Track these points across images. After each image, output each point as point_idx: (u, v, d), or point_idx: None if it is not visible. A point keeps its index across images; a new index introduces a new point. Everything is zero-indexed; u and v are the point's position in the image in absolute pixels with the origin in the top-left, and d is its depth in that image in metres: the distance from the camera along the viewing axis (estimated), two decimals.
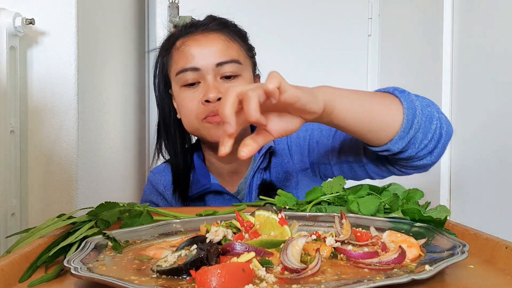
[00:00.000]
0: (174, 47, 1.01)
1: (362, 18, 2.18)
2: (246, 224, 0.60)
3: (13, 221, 1.08)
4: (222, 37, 0.99)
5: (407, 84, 1.86)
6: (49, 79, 1.15)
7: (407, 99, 0.74)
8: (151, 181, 1.13)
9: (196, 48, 0.97)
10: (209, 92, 0.94)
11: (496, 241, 0.56)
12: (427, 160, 0.79)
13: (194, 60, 0.96)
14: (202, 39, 0.98)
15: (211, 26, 1.01)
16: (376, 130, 0.73)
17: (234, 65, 0.97)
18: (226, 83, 0.97)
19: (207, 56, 0.96)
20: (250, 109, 0.56)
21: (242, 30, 1.07)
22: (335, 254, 0.55)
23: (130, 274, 0.49)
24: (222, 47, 0.97)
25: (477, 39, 1.40)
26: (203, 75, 0.96)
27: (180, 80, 0.97)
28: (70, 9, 1.16)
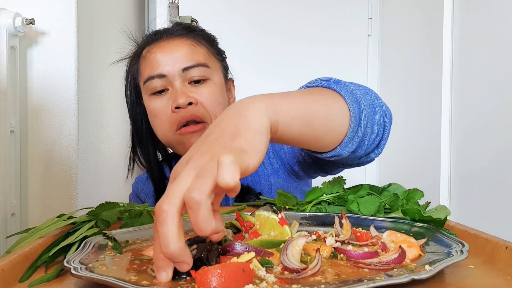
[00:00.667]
0: (141, 56, 1.00)
1: (362, 18, 2.18)
2: (246, 224, 0.60)
3: (13, 221, 1.08)
4: (187, 42, 0.97)
5: (407, 84, 1.86)
6: (49, 79, 1.15)
7: (348, 93, 0.65)
8: (135, 190, 1.15)
9: (161, 55, 0.95)
10: (178, 97, 0.92)
11: (496, 241, 0.56)
12: (374, 155, 0.75)
13: (160, 67, 0.94)
14: (166, 45, 0.97)
15: (176, 31, 1.00)
16: (324, 136, 0.63)
17: (201, 68, 0.95)
18: (194, 87, 0.95)
19: (172, 61, 0.94)
20: (199, 221, 0.41)
21: (210, 35, 1.05)
22: (335, 254, 0.55)
23: (130, 274, 0.49)
24: (187, 52, 0.96)
25: (477, 39, 1.40)
26: (170, 82, 0.94)
27: (148, 88, 0.96)
28: (70, 9, 1.16)
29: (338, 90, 0.65)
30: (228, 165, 0.40)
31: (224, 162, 0.40)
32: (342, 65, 2.17)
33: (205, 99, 0.94)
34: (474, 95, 1.41)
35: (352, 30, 2.17)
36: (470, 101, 1.43)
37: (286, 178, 1.02)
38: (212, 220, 0.42)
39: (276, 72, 2.09)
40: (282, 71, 2.10)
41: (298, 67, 2.13)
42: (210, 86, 0.96)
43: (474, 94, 1.40)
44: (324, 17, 2.15)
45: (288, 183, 1.02)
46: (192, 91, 0.94)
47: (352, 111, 0.63)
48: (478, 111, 1.37)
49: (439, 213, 0.65)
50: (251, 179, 1.02)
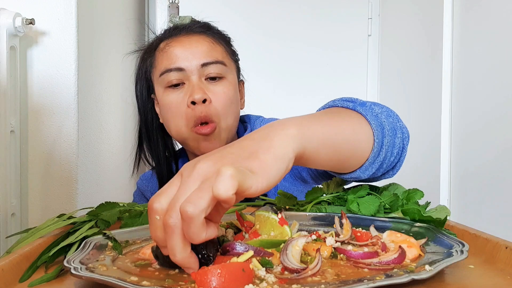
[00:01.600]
0: (157, 49, 1.01)
1: (362, 18, 2.18)
2: (246, 224, 0.60)
3: (13, 221, 1.08)
4: (206, 39, 0.99)
5: (407, 84, 1.86)
6: (49, 79, 1.15)
7: (373, 117, 0.67)
8: (140, 187, 1.15)
9: (180, 49, 0.96)
10: (194, 92, 0.92)
11: (496, 241, 0.56)
12: (389, 175, 0.76)
13: (178, 61, 0.95)
14: (186, 40, 0.98)
15: (195, 28, 1.01)
16: (347, 160, 0.65)
17: (219, 66, 0.96)
18: (210, 84, 0.96)
19: (191, 56, 0.95)
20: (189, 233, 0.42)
21: (226, 35, 1.06)
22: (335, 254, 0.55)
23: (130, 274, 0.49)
24: (206, 49, 0.97)
25: (477, 39, 1.40)
26: (187, 76, 0.95)
27: (164, 81, 0.96)
28: (70, 9, 1.16)
29: (364, 114, 0.66)
30: (226, 177, 0.40)
31: (223, 173, 0.40)
32: (342, 65, 2.17)
33: (220, 98, 0.95)
34: (474, 95, 1.41)
35: (352, 30, 2.17)
36: (470, 101, 1.43)
37: (293, 182, 1.02)
38: (202, 233, 0.42)
39: (276, 72, 2.09)
40: (282, 71, 2.11)
41: (298, 67, 2.13)
42: (225, 84, 0.97)
43: (474, 94, 1.40)
44: (324, 17, 2.15)
45: (294, 186, 1.02)
46: (208, 88, 0.95)
47: (376, 136, 0.65)
48: (478, 111, 1.37)
49: (439, 213, 0.65)
50: None
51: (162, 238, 0.45)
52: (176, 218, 0.43)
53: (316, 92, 2.14)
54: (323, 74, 2.15)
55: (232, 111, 0.98)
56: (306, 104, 2.12)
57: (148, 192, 1.11)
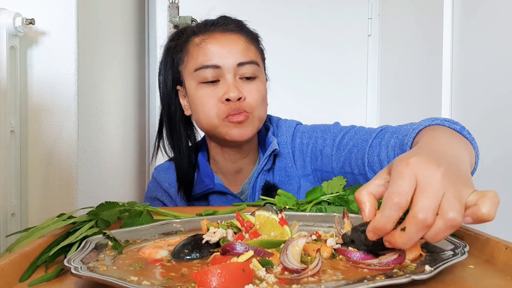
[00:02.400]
0: (192, 43, 1.01)
1: (362, 18, 2.18)
2: (246, 224, 0.60)
3: (13, 221, 1.08)
4: (242, 38, 1.00)
5: (407, 84, 1.86)
6: (49, 79, 1.15)
7: (475, 144, 0.73)
8: (156, 178, 1.13)
9: (217, 47, 0.97)
10: (230, 91, 0.95)
11: (496, 241, 0.56)
12: None
13: (215, 58, 0.96)
14: (223, 38, 0.99)
15: (230, 26, 1.02)
16: None
17: (253, 66, 0.99)
18: (244, 83, 0.98)
19: (228, 55, 0.97)
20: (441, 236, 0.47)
21: (257, 33, 1.08)
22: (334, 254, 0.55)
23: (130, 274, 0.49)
24: (243, 48, 0.99)
25: (477, 39, 1.40)
26: (222, 74, 0.96)
27: (199, 76, 0.97)
28: (70, 9, 1.16)
29: (472, 143, 0.72)
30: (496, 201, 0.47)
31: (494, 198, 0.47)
32: (342, 65, 2.17)
33: (253, 97, 0.97)
34: (474, 95, 1.41)
35: (352, 30, 2.17)
36: (470, 101, 1.43)
37: (315, 183, 1.04)
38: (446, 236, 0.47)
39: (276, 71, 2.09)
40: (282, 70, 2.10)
41: (298, 66, 2.13)
42: (258, 84, 0.99)
43: (474, 94, 1.40)
44: (324, 17, 2.15)
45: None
46: (243, 87, 0.97)
47: (476, 164, 0.72)
48: (478, 111, 1.38)
49: None
50: (280, 179, 1.04)
51: (390, 227, 0.48)
52: (432, 219, 0.46)
53: (316, 92, 2.14)
54: (323, 74, 2.15)
55: (264, 108, 1.01)
56: (306, 104, 2.12)
57: (165, 183, 1.10)
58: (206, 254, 0.56)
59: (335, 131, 1.01)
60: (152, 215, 0.74)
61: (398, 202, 0.47)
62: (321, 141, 1.01)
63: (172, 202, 1.09)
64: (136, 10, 1.91)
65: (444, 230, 0.46)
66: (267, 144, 1.04)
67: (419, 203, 0.46)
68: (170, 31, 1.99)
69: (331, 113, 2.14)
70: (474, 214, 0.46)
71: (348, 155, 0.94)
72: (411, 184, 0.47)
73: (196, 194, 1.06)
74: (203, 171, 1.07)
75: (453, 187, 0.47)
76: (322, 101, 2.15)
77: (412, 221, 0.46)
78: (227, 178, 1.08)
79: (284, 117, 1.16)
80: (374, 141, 0.90)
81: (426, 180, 0.47)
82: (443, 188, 0.47)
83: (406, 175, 0.48)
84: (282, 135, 1.07)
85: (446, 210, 0.45)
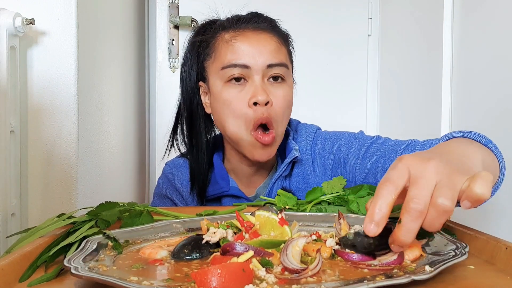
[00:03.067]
0: (221, 39, 0.96)
1: (362, 18, 2.18)
2: (246, 224, 0.60)
3: (13, 221, 1.08)
4: (274, 39, 0.97)
5: (407, 84, 1.86)
6: (49, 79, 1.15)
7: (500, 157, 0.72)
8: (167, 175, 1.09)
9: (247, 45, 0.93)
10: (258, 93, 0.91)
11: (496, 241, 0.56)
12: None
13: (245, 57, 0.92)
14: (254, 36, 0.95)
15: (262, 25, 0.98)
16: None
17: (282, 68, 0.95)
18: (272, 86, 0.94)
19: (258, 55, 0.93)
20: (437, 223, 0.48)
21: (288, 34, 1.05)
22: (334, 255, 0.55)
23: (130, 274, 0.49)
24: (273, 49, 0.95)
25: (477, 39, 1.40)
26: (250, 74, 0.92)
27: (226, 74, 0.93)
28: (70, 9, 1.16)
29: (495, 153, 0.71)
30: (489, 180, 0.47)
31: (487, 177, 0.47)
32: (342, 65, 2.17)
33: (280, 102, 0.94)
34: (474, 95, 1.41)
35: (352, 30, 2.17)
36: (470, 101, 1.43)
37: None
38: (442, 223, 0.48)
39: None
40: None
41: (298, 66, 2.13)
42: (285, 88, 0.96)
43: (474, 94, 1.40)
44: (324, 17, 2.15)
45: None
46: (270, 90, 0.93)
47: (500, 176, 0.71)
48: (479, 111, 1.38)
49: None
50: (297, 186, 1.00)
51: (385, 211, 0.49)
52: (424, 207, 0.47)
53: (316, 91, 2.14)
54: (323, 73, 2.15)
55: (288, 116, 0.98)
56: (306, 104, 2.12)
57: (178, 181, 1.06)
58: (206, 254, 0.56)
59: (361, 140, 0.98)
60: (152, 215, 0.74)
61: (388, 185, 0.49)
62: (346, 149, 0.98)
63: (183, 202, 1.05)
64: (136, 10, 1.91)
65: (437, 217, 0.47)
66: (287, 151, 1.00)
67: (410, 194, 0.48)
68: (170, 31, 1.99)
69: (331, 113, 2.14)
70: (469, 196, 0.47)
71: (375, 165, 0.91)
72: (402, 175, 0.50)
73: (209, 195, 1.02)
74: (218, 172, 1.03)
75: (445, 176, 0.49)
76: (322, 101, 2.15)
77: (405, 211, 0.48)
78: (241, 181, 1.05)
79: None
80: (403, 152, 0.88)
81: (417, 172, 0.49)
82: (435, 178, 0.48)
83: (398, 167, 0.50)
84: (302, 140, 1.03)
85: (436, 197, 0.47)
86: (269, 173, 1.05)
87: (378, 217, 0.49)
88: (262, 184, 1.04)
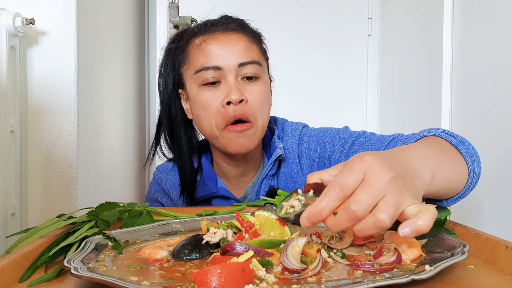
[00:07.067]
0: (192, 44, 0.98)
1: (362, 18, 2.18)
2: (246, 224, 0.60)
3: (13, 221, 1.08)
4: (243, 38, 0.98)
5: (407, 84, 1.86)
6: (49, 79, 1.15)
7: (468, 154, 0.71)
8: (157, 179, 1.11)
9: (218, 47, 0.95)
10: (231, 93, 0.92)
11: (496, 241, 0.56)
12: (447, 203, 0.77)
13: (216, 59, 0.94)
14: (223, 38, 0.96)
15: (231, 26, 0.99)
16: (444, 195, 0.70)
17: (255, 66, 0.96)
18: (246, 84, 0.95)
19: (229, 55, 0.94)
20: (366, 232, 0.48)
21: (260, 33, 1.05)
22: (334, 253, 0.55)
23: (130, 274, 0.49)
24: (244, 48, 0.96)
25: (477, 39, 1.40)
26: (224, 75, 0.94)
27: (200, 78, 0.94)
28: (70, 9, 1.16)
29: (464, 155, 0.70)
30: (432, 216, 0.47)
31: (432, 213, 0.47)
32: (342, 65, 2.17)
33: (255, 99, 0.95)
34: (474, 95, 1.41)
35: (352, 30, 2.17)
36: (470, 101, 1.43)
37: None
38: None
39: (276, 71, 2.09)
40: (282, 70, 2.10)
41: (298, 66, 2.13)
42: (260, 85, 0.96)
43: (475, 94, 1.40)
44: (324, 17, 2.15)
45: None
46: (244, 88, 0.94)
47: (470, 179, 0.70)
48: (479, 111, 1.37)
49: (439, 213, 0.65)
50: (285, 184, 1.01)
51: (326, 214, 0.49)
52: (364, 213, 0.47)
53: (316, 91, 2.14)
54: (323, 74, 2.14)
55: (266, 111, 0.98)
56: (306, 104, 2.12)
57: (167, 185, 1.07)
58: (206, 254, 0.56)
59: (344, 137, 0.99)
60: (152, 215, 0.74)
61: (338, 193, 0.48)
62: (330, 146, 0.99)
63: (173, 205, 1.07)
64: (136, 10, 1.91)
65: (370, 228, 0.47)
66: (272, 149, 1.02)
67: (356, 196, 0.48)
68: (170, 31, 1.99)
69: (331, 113, 2.14)
70: (412, 226, 0.47)
71: None
72: (357, 180, 0.49)
73: (198, 197, 1.03)
74: (206, 174, 1.05)
75: (395, 193, 0.48)
76: (322, 101, 2.15)
77: (344, 209, 0.48)
78: (230, 182, 1.06)
79: (284, 117, 1.15)
80: (386, 148, 0.88)
81: (372, 178, 0.48)
82: (385, 190, 0.48)
83: (356, 170, 0.49)
84: (288, 139, 1.04)
85: (379, 211, 0.47)
86: (257, 172, 1.05)
87: (316, 219, 0.49)
88: (250, 184, 1.05)
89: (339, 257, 0.54)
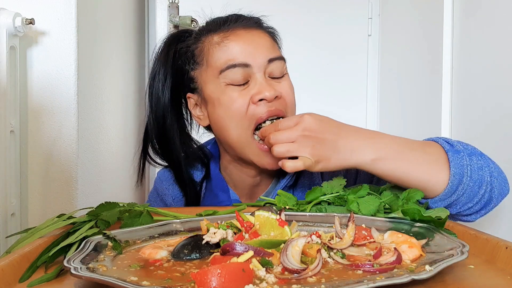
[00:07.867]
0: (209, 43, 0.89)
1: (362, 18, 2.18)
2: (246, 224, 0.60)
3: (13, 221, 1.08)
4: (266, 35, 0.92)
5: (407, 84, 1.86)
6: (49, 79, 1.15)
7: (457, 164, 0.72)
8: (157, 189, 1.03)
9: (243, 43, 0.87)
10: (264, 90, 0.84)
11: (496, 241, 0.56)
12: (472, 218, 0.77)
13: (243, 56, 0.85)
14: (247, 34, 0.89)
15: (250, 23, 0.92)
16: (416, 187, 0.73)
17: (282, 62, 0.90)
18: (276, 81, 0.88)
19: (256, 52, 0.87)
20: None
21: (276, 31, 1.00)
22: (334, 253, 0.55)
23: (130, 274, 0.49)
24: (269, 44, 0.90)
25: (477, 39, 1.40)
26: (252, 73, 0.86)
27: (226, 78, 0.85)
28: (70, 9, 1.16)
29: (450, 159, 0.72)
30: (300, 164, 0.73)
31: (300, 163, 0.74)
32: (342, 65, 2.17)
33: (288, 94, 0.89)
34: (474, 95, 1.41)
35: (352, 30, 2.17)
36: (470, 102, 1.43)
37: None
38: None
39: None
40: None
41: (298, 66, 2.13)
42: (289, 81, 0.91)
43: (475, 94, 1.40)
44: (324, 17, 2.15)
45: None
46: (275, 84, 0.87)
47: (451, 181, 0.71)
48: (479, 111, 1.37)
49: (439, 213, 0.65)
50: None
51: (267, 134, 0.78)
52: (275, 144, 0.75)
53: (316, 91, 2.13)
54: (323, 73, 2.14)
55: (295, 108, 0.93)
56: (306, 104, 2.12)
57: (169, 197, 0.99)
58: (206, 255, 0.56)
59: None
60: (152, 215, 0.74)
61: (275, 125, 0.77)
62: None
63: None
64: (136, 10, 1.91)
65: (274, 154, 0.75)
66: None
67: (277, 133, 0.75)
68: (170, 31, 1.99)
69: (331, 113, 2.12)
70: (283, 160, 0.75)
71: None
72: (289, 125, 0.74)
73: None
74: (217, 184, 0.95)
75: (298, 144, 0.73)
76: (322, 101, 2.15)
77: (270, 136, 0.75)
78: (241, 192, 0.97)
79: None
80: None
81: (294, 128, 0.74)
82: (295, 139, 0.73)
83: (294, 119, 0.75)
84: None
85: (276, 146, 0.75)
86: (272, 182, 0.97)
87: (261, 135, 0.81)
88: (264, 194, 0.96)
89: (339, 257, 0.54)
